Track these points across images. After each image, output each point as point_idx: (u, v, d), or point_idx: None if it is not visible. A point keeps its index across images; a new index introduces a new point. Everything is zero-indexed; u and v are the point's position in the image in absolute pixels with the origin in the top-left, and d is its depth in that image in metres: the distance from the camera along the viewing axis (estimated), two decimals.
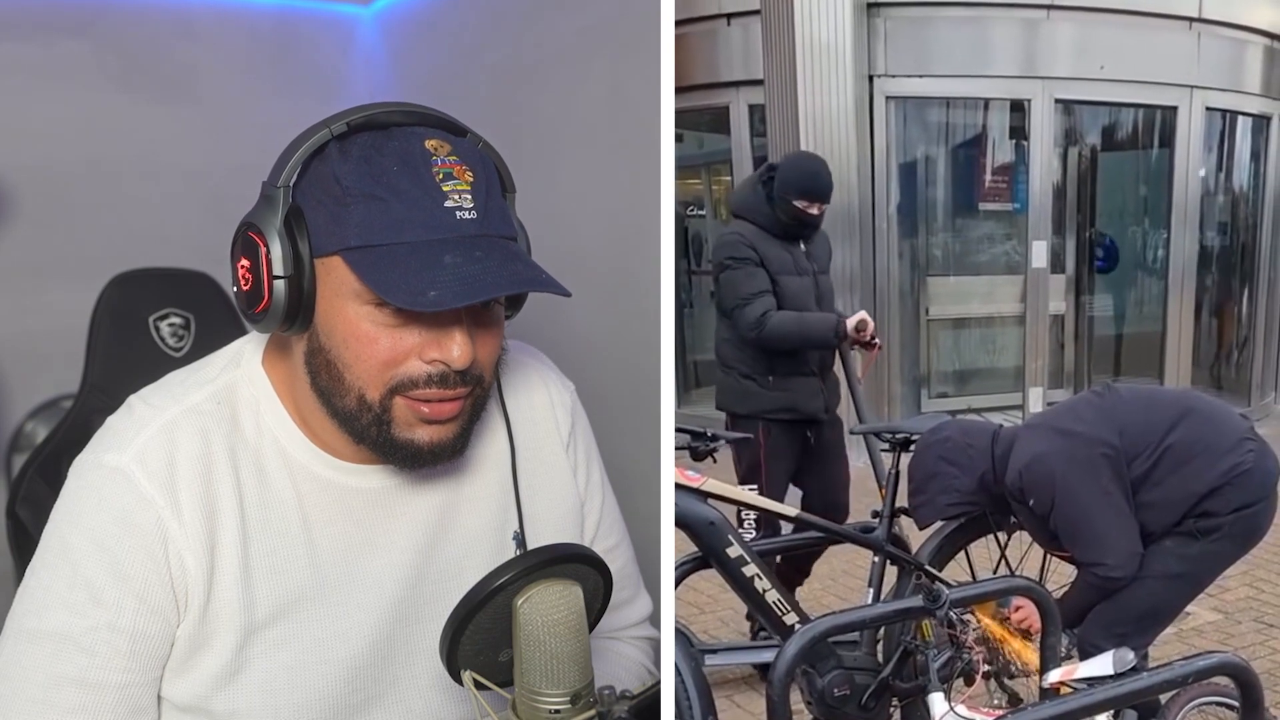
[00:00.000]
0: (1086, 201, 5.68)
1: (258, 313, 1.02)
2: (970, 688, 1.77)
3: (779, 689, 1.52)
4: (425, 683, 1.15)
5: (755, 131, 5.29)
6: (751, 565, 2.00)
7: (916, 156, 5.34)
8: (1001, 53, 5.13)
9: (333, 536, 1.11)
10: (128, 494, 1.02)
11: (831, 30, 4.66)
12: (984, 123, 5.46)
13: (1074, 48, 5.18)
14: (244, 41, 2.87)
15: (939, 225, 5.48)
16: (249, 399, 1.10)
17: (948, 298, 5.41)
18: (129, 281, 1.75)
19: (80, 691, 1.01)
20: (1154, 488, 1.99)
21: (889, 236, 5.08)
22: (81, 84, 2.62)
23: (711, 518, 1.99)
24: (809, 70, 4.65)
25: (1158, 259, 5.72)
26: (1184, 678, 1.42)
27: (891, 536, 2.28)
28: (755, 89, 5.04)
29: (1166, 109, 5.50)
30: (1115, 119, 5.75)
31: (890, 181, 5.08)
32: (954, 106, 5.40)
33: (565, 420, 1.28)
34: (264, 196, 1.03)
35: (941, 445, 2.13)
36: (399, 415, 1.04)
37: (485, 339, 1.05)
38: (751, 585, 2.00)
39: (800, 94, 4.64)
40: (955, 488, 2.11)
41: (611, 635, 1.35)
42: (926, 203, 5.42)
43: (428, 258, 0.97)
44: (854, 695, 2.01)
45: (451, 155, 1.01)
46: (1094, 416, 2.05)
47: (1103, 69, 5.19)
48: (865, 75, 4.88)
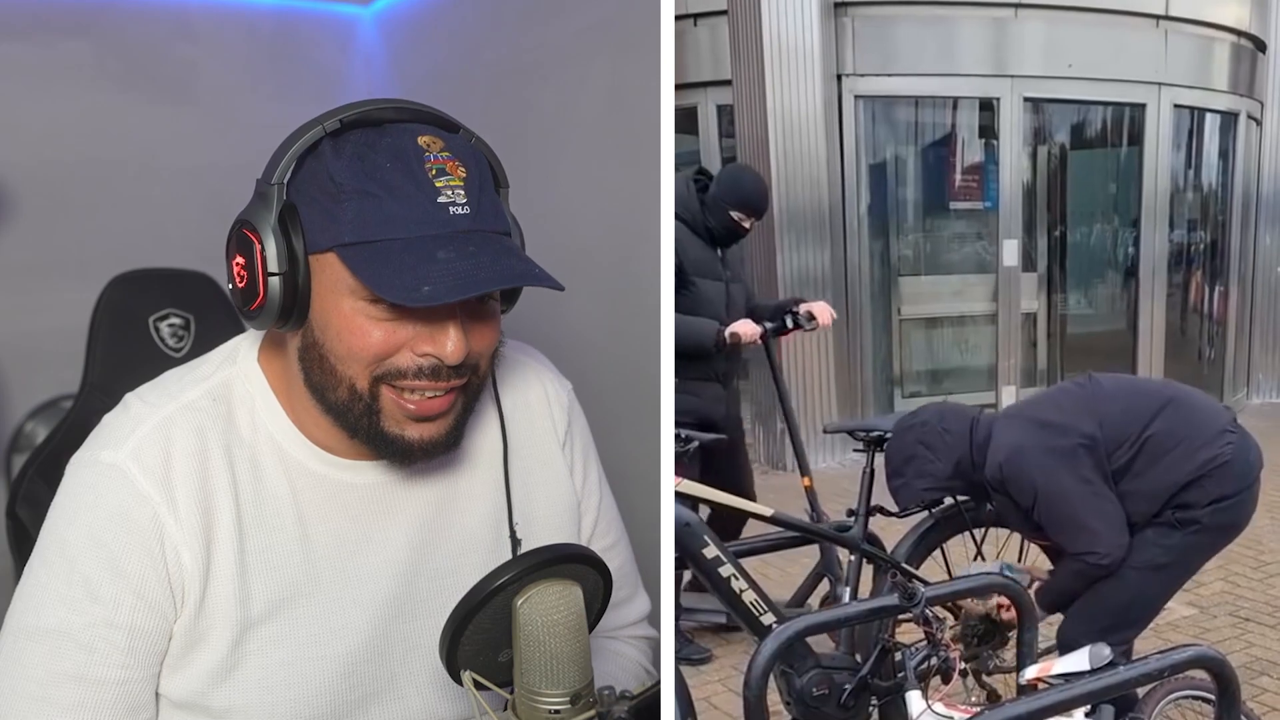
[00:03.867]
0: (1057, 200, 5.70)
1: (253, 309, 1.03)
2: (947, 685, 1.76)
3: (755, 689, 1.51)
4: (423, 679, 1.15)
5: (724, 132, 5.28)
6: (728, 565, 2.00)
7: (886, 156, 5.35)
8: (970, 51, 5.14)
9: (328, 532, 1.11)
10: (124, 491, 1.02)
11: (799, 30, 4.67)
12: (953, 122, 5.46)
13: (1042, 46, 5.19)
14: (243, 42, 2.87)
15: (910, 225, 5.49)
16: (244, 396, 1.10)
17: (919, 297, 5.43)
18: (129, 281, 1.75)
19: (79, 688, 1.01)
20: (1134, 478, 1.99)
21: (860, 236, 5.09)
22: (81, 84, 2.62)
23: (687, 519, 1.99)
24: (777, 70, 4.66)
25: (1128, 256, 5.73)
26: (1160, 671, 1.43)
27: (867, 535, 2.29)
28: (723, 89, 5.04)
29: (1135, 106, 5.52)
30: (1084, 117, 5.76)
31: (860, 181, 5.09)
32: (923, 105, 5.39)
33: (562, 418, 1.28)
34: (258, 194, 1.03)
35: (919, 429, 2.13)
36: (386, 408, 1.04)
37: (480, 332, 1.05)
38: (728, 585, 2.01)
39: (769, 94, 4.65)
40: (931, 473, 2.10)
41: (610, 635, 1.34)
42: (897, 202, 5.42)
43: (421, 253, 0.97)
44: (833, 694, 2.01)
45: (444, 151, 1.02)
46: (1073, 406, 2.05)
47: (1070, 67, 5.21)
48: (834, 75, 4.88)
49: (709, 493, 2.10)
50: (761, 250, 4.70)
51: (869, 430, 2.35)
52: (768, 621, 2.02)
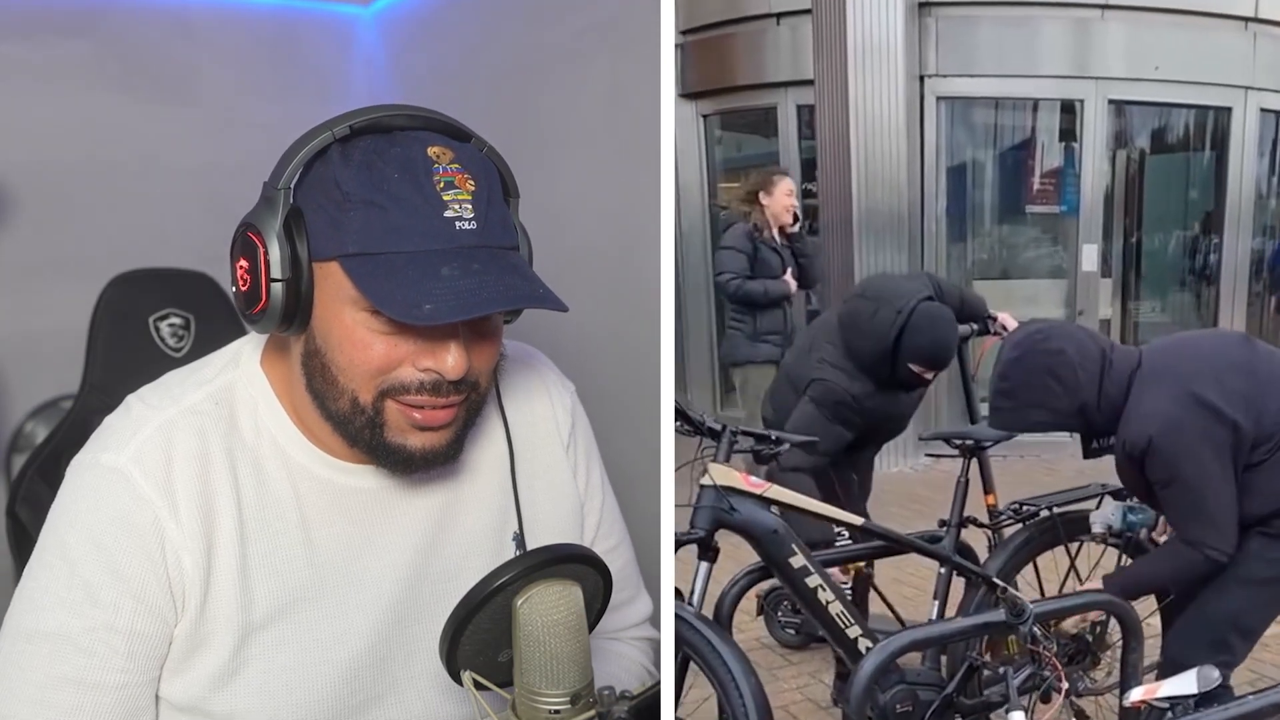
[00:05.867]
0: (1135, 204, 5.59)
1: (255, 313, 1.02)
2: (1047, 705, 1.69)
3: (857, 708, 1.43)
4: (424, 684, 1.15)
5: (802, 134, 5.25)
6: (815, 576, 1.90)
7: (965, 159, 5.30)
8: (1052, 52, 5.08)
9: (331, 537, 1.10)
10: (125, 494, 1.02)
11: (883, 29, 4.62)
12: (1033, 124, 5.39)
13: (1127, 48, 5.11)
14: (244, 42, 2.87)
15: (985, 229, 5.43)
16: (247, 399, 1.10)
17: (992, 302, 5.39)
18: (129, 281, 1.75)
19: (78, 691, 1.01)
20: (1261, 474, 1.88)
21: (938, 239, 5.06)
22: (81, 84, 2.62)
23: (775, 526, 1.88)
24: (860, 70, 4.61)
25: (1209, 264, 5.62)
26: None
27: (959, 546, 2.18)
28: (803, 89, 4.99)
29: (1221, 110, 5.40)
30: (1165, 121, 5.64)
31: (940, 184, 5.05)
32: (1003, 108, 5.33)
33: (565, 421, 1.28)
34: (264, 198, 1.02)
35: (1054, 357, 1.91)
36: (391, 419, 1.04)
37: (482, 348, 1.05)
38: (815, 597, 1.90)
39: (851, 94, 4.59)
40: (1053, 407, 1.92)
41: (611, 636, 1.34)
42: (973, 206, 5.36)
43: (425, 268, 0.96)
44: (916, 711, 1.91)
45: (454, 163, 1.01)
46: (1235, 388, 1.89)
47: (1157, 69, 5.11)
48: (916, 75, 4.83)
49: (794, 498, 1.97)
50: (839, 252, 4.66)
51: (965, 438, 2.25)
52: (853, 635, 1.92)
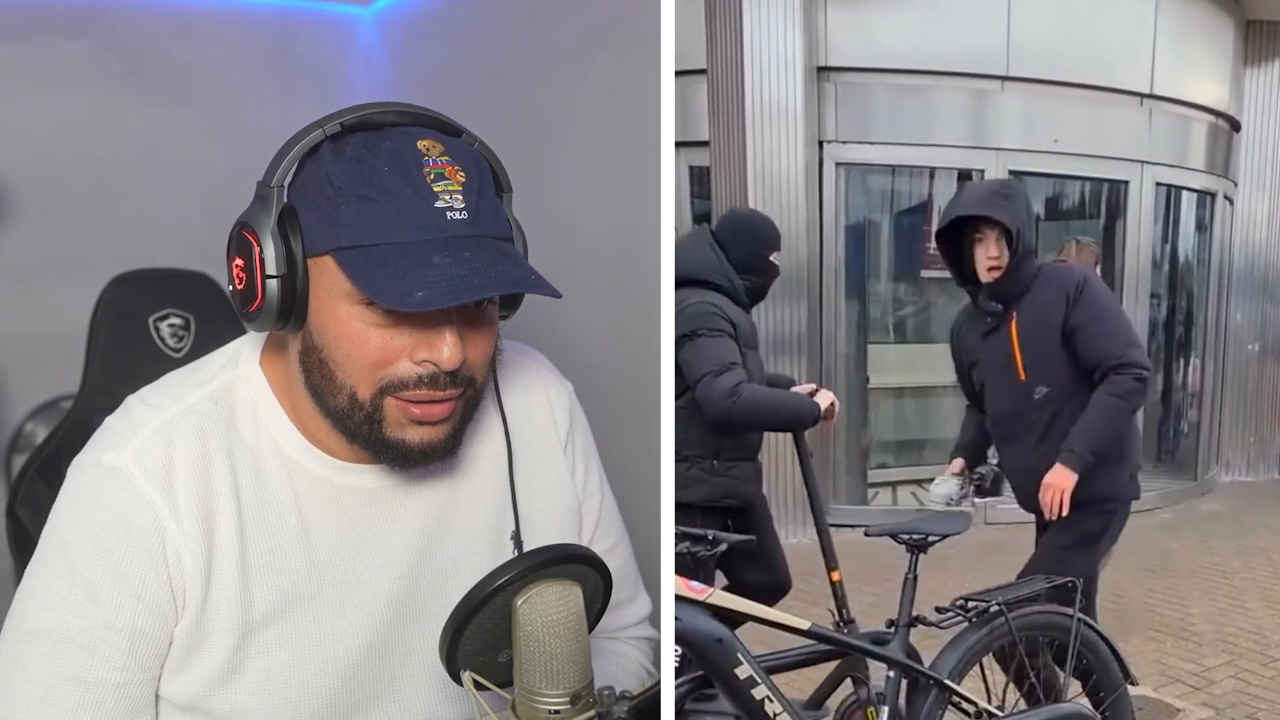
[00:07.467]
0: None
1: (251, 311, 1.03)
2: None
3: None
4: (423, 682, 1.15)
5: (694, 193, 5.26)
6: (762, 687, 1.79)
7: (862, 221, 5.39)
8: (950, 122, 5.18)
9: (330, 536, 1.11)
10: (125, 494, 1.02)
11: (782, 93, 4.67)
12: (930, 190, 5.48)
13: (1024, 120, 5.24)
14: (243, 42, 2.87)
15: (881, 293, 5.54)
16: (247, 399, 1.10)
17: (886, 365, 5.48)
18: (129, 281, 1.75)
19: (79, 690, 1.01)
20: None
21: (836, 299, 5.13)
22: (81, 84, 2.62)
23: (719, 634, 1.77)
24: (759, 132, 4.64)
25: None
26: None
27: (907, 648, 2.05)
28: (694, 150, 4.98)
29: (1117, 183, 5.58)
30: (1060, 190, 5.81)
31: (838, 247, 5.11)
32: (899, 174, 5.43)
33: (563, 420, 1.28)
34: (258, 196, 1.03)
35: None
36: (390, 415, 1.04)
37: (477, 339, 1.05)
38: (761, 709, 1.80)
39: (749, 155, 4.62)
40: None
41: (611, 635, 1.35)
42: (869, 268, 5.47)
43: (416, 258, 0.97)
44: None
45: (444, 155, 1.02)
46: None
47: (1056, 142, 5.26)
48: (815, 140, 4.89)
49: (741, 603, 1.87)
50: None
51: (912, 533, 2.15)
52: None
